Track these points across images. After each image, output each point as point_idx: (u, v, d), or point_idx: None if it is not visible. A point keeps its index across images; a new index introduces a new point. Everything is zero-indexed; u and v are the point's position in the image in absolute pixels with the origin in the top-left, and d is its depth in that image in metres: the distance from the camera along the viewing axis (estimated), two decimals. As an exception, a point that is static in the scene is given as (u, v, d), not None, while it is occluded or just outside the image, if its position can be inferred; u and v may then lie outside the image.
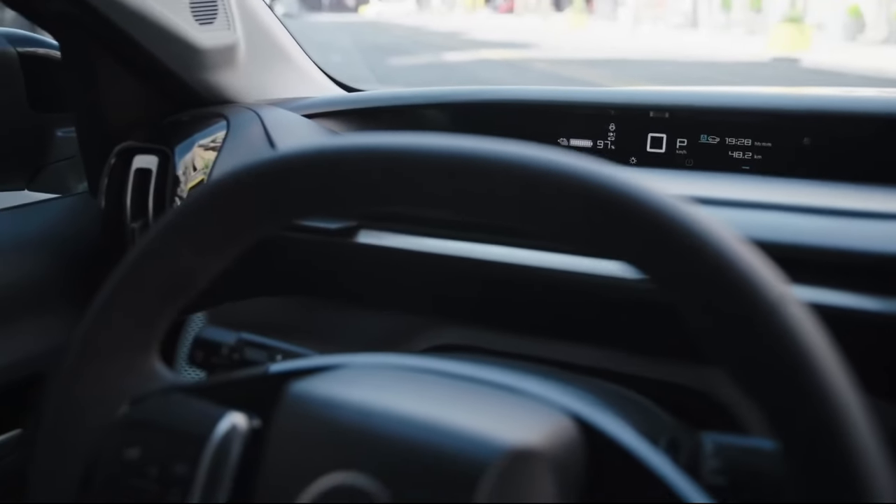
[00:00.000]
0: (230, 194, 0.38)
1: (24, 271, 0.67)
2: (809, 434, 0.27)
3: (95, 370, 0.41)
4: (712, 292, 0.29)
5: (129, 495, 0.38)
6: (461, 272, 0.57)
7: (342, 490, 0.32)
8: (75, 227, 0.72)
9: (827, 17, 14.56)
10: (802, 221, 0.51)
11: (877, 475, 0.26)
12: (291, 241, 0.63)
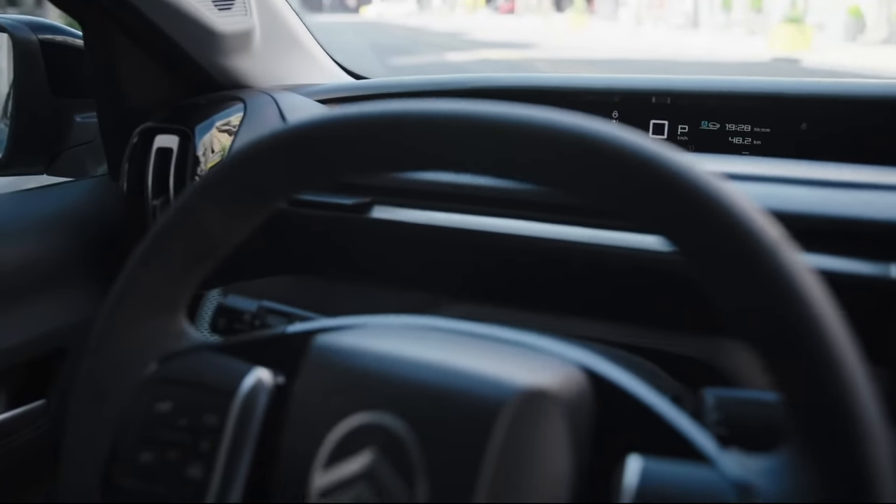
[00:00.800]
0: (258, 160, 0.40)
1: (47, 249, 0.70)
2: (810, 384, 0.29)
3: (127, 329, 0.43)
4: (720, 238, 0.30)
5: (162, 445, 0.40)
6: (473, 245, 0.59)
7: (367, 428, 0.34)
8: (96, 207, 0.75)
9: (827, 17, 14.57)
10: (800, 192, 0.53)
11: (872, 425, 0.28)
12: (306, 217, 0.65)
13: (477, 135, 0.35)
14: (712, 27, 17.68)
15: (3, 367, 0.64)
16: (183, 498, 0.39)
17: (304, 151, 0.39)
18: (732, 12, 17.36)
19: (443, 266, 0.61)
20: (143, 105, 0.73)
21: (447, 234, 0.59)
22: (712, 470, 0.31)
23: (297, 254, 0.68)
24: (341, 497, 0.34)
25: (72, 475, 0.42)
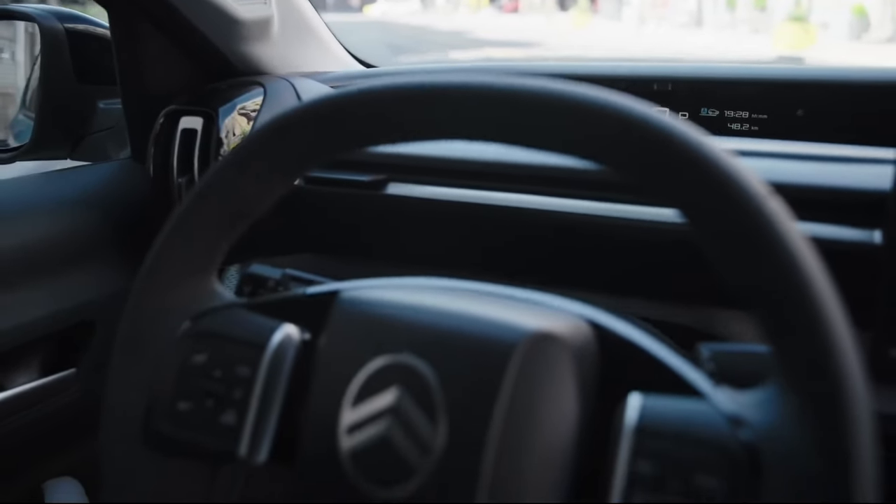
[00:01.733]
0: (291, 129, 0.43)
1: (75, 227, 0.73)
2: (799, 332, 0.32)
3: (164, 288, 0.46)
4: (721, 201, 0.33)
5: (198, 394, 0.43)
6: (485, 219, 0.62)
7: (392, 368, 0.37)
8: (120, 188, 0.78)
9: (832, 16, 14.56)
10: (791, 165, 0.56)
11: (851, 366, 0.31)
12: (323, 195, 0.69)
13: (509, 106, 0.38)
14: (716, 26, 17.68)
15: (35, 337, 0.68)
16: (218, 443, 0.42)
17: (336, 122, 0.42)
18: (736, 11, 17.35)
19: (456, 241, 0.64)
20: (166, 90, 0.77)
21: (460, 209, 0.62)
22: (706, 404, 0.34)
23: (314, 231, 0.72)
24: (368, 432, 0.37)
25: (113, 423, 0.45)
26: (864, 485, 0.30)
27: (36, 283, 0.68)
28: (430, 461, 0.35)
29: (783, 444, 0.32)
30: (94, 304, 0.72)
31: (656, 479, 0.33)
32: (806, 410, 0.31)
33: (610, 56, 11.25)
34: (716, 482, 0.32)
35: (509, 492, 0.35)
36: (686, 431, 0.33)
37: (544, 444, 0.36)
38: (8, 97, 1.48)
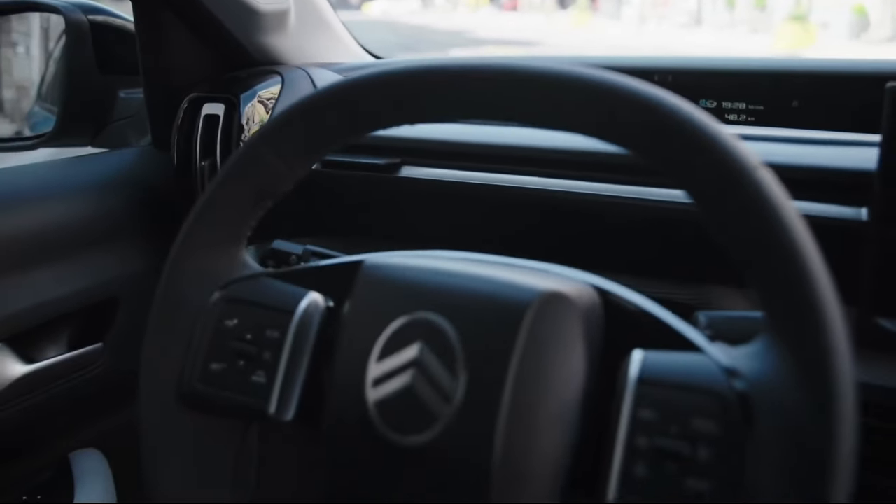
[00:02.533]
0: (318, 109, 0.46)
1: (99, 208, 0.76)
2: (788, 288, 0.35)
3: (197, 258, 0.49)
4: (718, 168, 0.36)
5: (230, 355, 0.47)
6: (494, 200, 0.65)
7: (415, 324, 0.40)
8: (141, 172, 0.81)
9: (832, 15, 14.58)
10: (784, 148, 0.60)
11: (835, 322, 0.34)
12: (339, 178, 0.72)
13: (529, 88, 0.41)
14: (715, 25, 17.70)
15: (63, 312, 0.71)
16: (248, 401, 0.45)
17: (359, 103, 0.45)
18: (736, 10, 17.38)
19: (467, 221, 0.67)
20: (187, 80, 0.80)
21: (471, 191, 0.66)
22: (703, 357, 0.38)
23: (329, 214, 0.75)
24: (393, 384, 0.40)
25: (149, 383, 0.48)
26: (846, 429, 0.33)
27: (63, 262, 0.72)
28: (450, 409, 0.38)
29: (773, 392, 0.35)
30: (118, 281, 0.75)
31: (657, 424, 0.36)
32: (793, 359, 0.35)
33: (611, 55, 11.26)
34: (712, 425, 0.35)
35: (524, 436, 0.38)
36: (685, 381, 0.36)
37: (556, 394, 0.39)
38: (23, 90, 1.52)
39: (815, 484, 0.33)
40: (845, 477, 0.33)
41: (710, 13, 18.51)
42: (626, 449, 0.36)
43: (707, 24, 18.30)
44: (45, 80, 1.24)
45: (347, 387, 0.41)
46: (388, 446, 0.39)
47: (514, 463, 0.38)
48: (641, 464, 0.36)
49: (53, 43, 1.22)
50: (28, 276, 0.68)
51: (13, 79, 1.49)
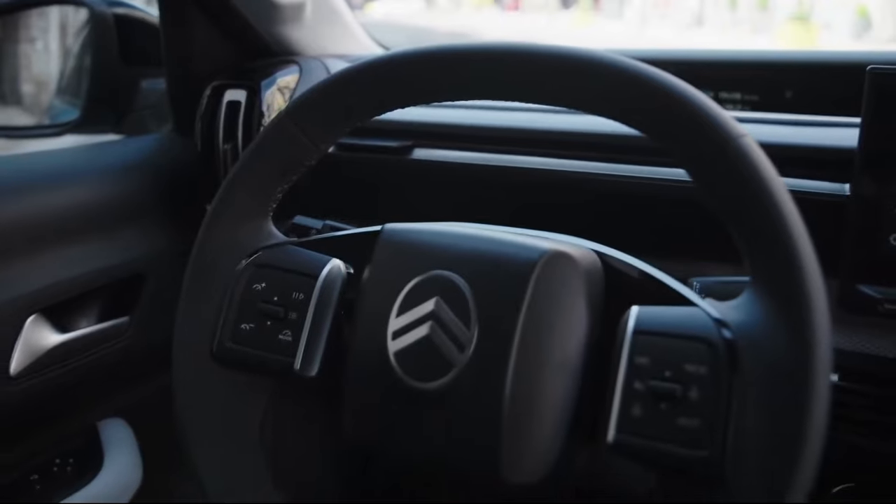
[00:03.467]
0: (341, 88, 0.50)
1: (124, 190, 0.81)
2: (769, 241, 0.39)
3: (227, 227, 0.53)
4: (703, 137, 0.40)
5: (259, 316, 0.50)
6: (500, 179, 0.69)
7: (431, 281, 0.44)
8: (165, 156, 0.86)
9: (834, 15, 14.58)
10: (772, 129, 0.63)
11: (813, 272, 0.38)
12: (353, 161, 0.76)
13: (533, 67, 0.44)
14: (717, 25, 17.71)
15: (93, 286, 0.75)
16: (276, 358, 0.49)
17: (388, 81, 0.49)
18: (738, 11, 17.38)
19: (476, 200, 0.71)
20: (209, 69, 0.84)
21: (480, 171, 0.70)
22: (695, 310, 0.41)
23: (343, 195, 0.79)
24: (411, 336, 0.44)
25: (183, 342, 0.52)
26: (822, 367, 0.37)
27: (92, 239, 0.76)
28: (464, 357, 0.42)
29: (756, 339, 0.39)
30: (144, 259, 0.79)
31: (652, 369, 0.40)
32: (773, 307, 0.39)
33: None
34: (702, 369, 0.39)
35: (532, 382, 0.42)
36: (678, 331, 0.40)
37: (561, 345, 0.43)
38: (42, 84, 1.56)
39: (794, 418, 0.37)
40: (821, 412, 0.37)
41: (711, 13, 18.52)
42: (623, 392, 0.40)
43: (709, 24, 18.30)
44: (64, 73, 1.28)
45: (369, 340, 0.45)
46: (406, 392, 0.43)
47: (523, 406, 0.42)
48: (638, 405, 0.40)
49: (72, 38, 1.26)
50: (61, 251, 0.72)
51: (32, 73, 1.53)
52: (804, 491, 0.37)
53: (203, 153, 0.80)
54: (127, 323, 0.78)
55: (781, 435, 0.37)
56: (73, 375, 0.74)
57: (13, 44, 1.32)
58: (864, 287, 0.54)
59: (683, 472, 0.38)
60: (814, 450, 0.36)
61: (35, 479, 0.73)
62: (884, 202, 0.53)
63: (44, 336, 0.70)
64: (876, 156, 0.53)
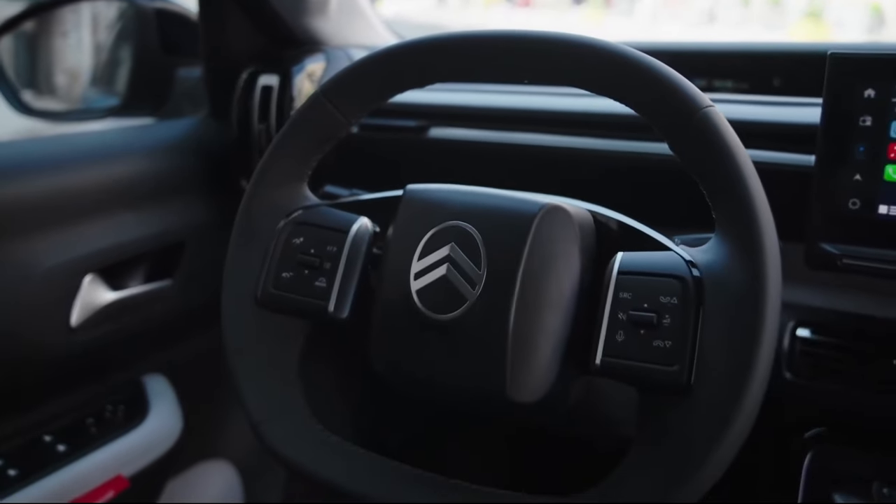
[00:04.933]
0: (371, 68, 0.58)
1: (166, 167, 0.89)
2: (730, 192, 0.46)
3: (270, 190, 0.61)
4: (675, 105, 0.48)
5: (297, 265, 0.58)
6: (509, 156, 0.77)
7: (447, 230, 0.52)
8: (202, 136, 0.94)
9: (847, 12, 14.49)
10: (750, 108, 0.71)
11: (767, 220, 0.45)
12: (373, 140, 0.84)
13: (536, 52, 0.52)
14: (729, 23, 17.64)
15: (139, 251, 0.84)
16: (312, 302, 0.57)
17: (408, 64, 0.56)
18: (750, 8, 17.32)
19: (487, 175, 0.79)
20: (242, 57, 0.92)
21: (490, 149, 0.78)
22: (670, 253, 0.49)
23: (368, 171, 0.87)
24: (430, 276, 0.52)
25: (232, 289, 0.60)
26: (771, 298, 0.44)
27: (139, 210, 0.84)
28: (476, 292, 0.50)
29: (719, 277, 0.46)
30: (185, 228, 0.88)
31: (633, 302, 0.47)
32: (733, 247, 0.46)
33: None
34: (674, 301, 0.46)
35: (532, 314, 0.50)
36: (655, 270, 0.48)
37: (557, 284, 0.51)
38: (74, 75, 1.65)
39: (749, 336, 0.44)
40: (771, 331, 0.44)
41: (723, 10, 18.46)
42: (609, 322, 0.48)
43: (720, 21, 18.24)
44: (98, 65, 1.37)
45: (395, 281, 0.53)
46: (426, 323, 0.51)
47: (524, 334, 0.50)
48: (621, 332, 0.47)
49: (103, 32, 1.35)
50: (113, 219, 0.81)
51: (65, 65, 1.62)
52: (758, 395, 0.44)
53: (240, 132, 0.88)
54: (170, 285, 0.87)
55: (738, 350, 0.44)
56: (123, 331, 0.82)
57: (47, 37, 1.41)
58: (826, 245, 0.61)
59: (658, 386, 0.46)
60: (765, 361, 0.43)
61: (91, 422, 0.82)
62: (843, 171, 0.60)
63: (99, 294, 0.79)
64: (835, 130, 0.60)
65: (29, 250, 0.72)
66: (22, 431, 0.78)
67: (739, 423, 0.43)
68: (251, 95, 0.87)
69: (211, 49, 0.93)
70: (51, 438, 0.78)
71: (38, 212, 0.73)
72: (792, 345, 0.71)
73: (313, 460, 0.54)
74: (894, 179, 0.59)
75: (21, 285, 0.71)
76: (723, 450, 0.43)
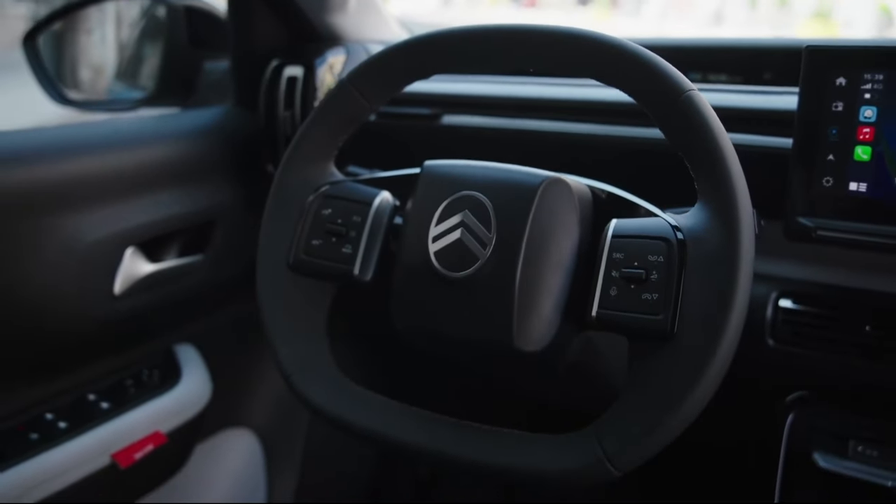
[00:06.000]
0: (390, 59, 0.65)
1: (197, 151, 0.96)
2: (709, 167, 0.53)
3: (300, 168, 0.68)
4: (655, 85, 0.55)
5: (325, 234, 0.65)
6: (516, 141, 0.84)
7: (461, 199, 0.59)
8: (230, 124, 1.01)
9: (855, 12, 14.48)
10: (734, 96, 0.77)
11: (739, 185, 0.52)
12: (390, 126, 0.91)
13: (541, 43, 0.58)
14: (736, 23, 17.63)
15: (173, 228, 0.91)
16: (339, 266, 0.64)
17: (424, 55, 0.63)
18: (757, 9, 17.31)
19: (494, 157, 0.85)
20: (267, 51, 0.99)
21: (499, 134, 0.84)
22: (657, 219, 0.56)
23: (386, 155, 0.93)
24: (447, 239, 0.58)
25: (267, 255, 0.67)
26: (745, 255, 0.51)
27: (173, 190, 0.91)
28: (486, 252, 0.57)
29: (699, 238, 0.53)
30: (215, 208, 0.95)
31: (624, 261, 0.54)
32: (712, 212, 0.53)
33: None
34: (660, 258, 0.53)
35: (536, 272, 0.56)
36: (644, 233, 0.55)
37: (558, 246, 0.57)
38: (98, 70, 1.72)
39: (725, 288, 0.50)
40: (745, 283, 0.50)
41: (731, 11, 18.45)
42: (604, 279, 0.54)
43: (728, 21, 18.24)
44: (122, 61, 1.44)
45: (415, 244, 0.59)
46: (443, 280, 0.58)
47: (529, 290, 0.56)
48: (614, 287, 0.54)
49: (126, 30, 1.42)
50: (151, 198, 0.88)
51: (90, 61, 1.70)
52: (734, 340, 0.50)
53: (267, 120, 0.95)
54: (201, 260, 0.94)
55: (716, 301, 0.50)
56: (158, 301, 0.89)
57: (73, 34, 1.48)
58: (802, 219, 0.67)
59: (646, 333, 0.52)
60: (739, 310, 0.50)
61: (130, 384, 0.89)
62: (817, 152, 0.67)
63: (138, 265, 0.86)
64: (810, 115, 0.67)
65: (77, 224, 0.79)
66: (70, 390, 0.85)
67: (717, 364, 0.50)
68: (277, 85, 0.94)
69: (239, 43, 1.00)
70: (95, 397, 0.86)
71: (84, 190, 0.81)
72: (774, 314, 0.77)
73: (337, 406, 0.61)
74: (863, 159, 0.65)
75: (70, 256, 0.78)
76: (702, 387, 0.50)
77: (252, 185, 0.97)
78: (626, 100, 0.59)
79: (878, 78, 0.64)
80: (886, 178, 0.64)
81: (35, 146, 0.78)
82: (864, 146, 0.65)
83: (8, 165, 0.74)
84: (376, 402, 0.60)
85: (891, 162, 0.64)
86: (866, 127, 0.65)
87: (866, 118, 0.64)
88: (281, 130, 0.93)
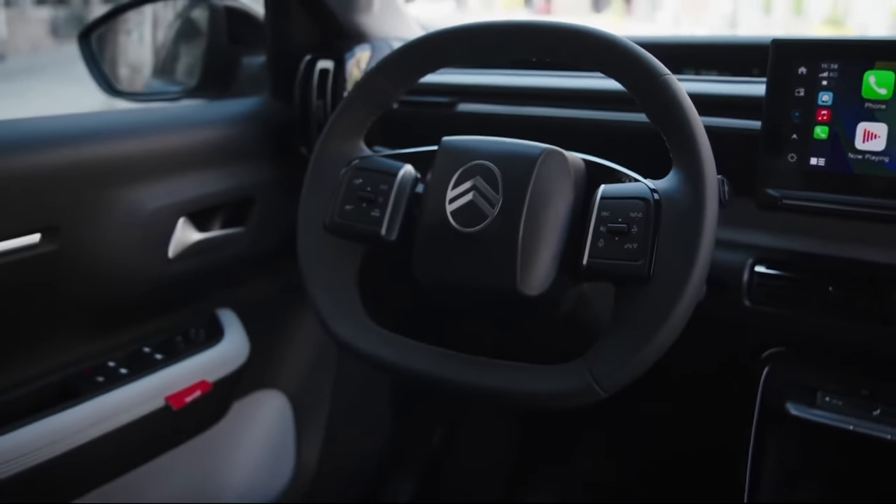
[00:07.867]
0: (412, 52, 0.75)
1: (238, 135, 1.07)
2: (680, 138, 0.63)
3: (335, 144, 0.78)
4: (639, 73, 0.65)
5: (357, 200, 0.76)
6: (524, 126, 0.95)
7: (473, 167, 0.69)
8: (265, 112, 1.12)
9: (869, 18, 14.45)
10: (712, 85, 0.88)
11: (705, 152, 0.62)
12: (410, 114, 1.02)
13: (548, 37, 0.69)
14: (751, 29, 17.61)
15: (219, 202, 1.02)
16: (369, 228, 0.75)
17: (442, 48, 0.74)
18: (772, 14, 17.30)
19: None
20: (300, 46, 1.11)
21: (508, 120, 0.95)
22: (639, 183, 0.66)
23: (404, 140, 1.04)
24: (461, 200, 0.69)
25: (306, 219, 0.78)
26: (709, 212, 0.61)
27: (219, 168, 1.03)
28: (494, 210, 0.67)
29: (672, 198, 0.63)
30: (254, 186, 1.06)
31: (610, 217, 0.64)
32: (683, 176, 0.63)
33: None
34: (640, 214, 0.63)
35: (536, 228, 0.67)
36: (627, 195, 0.65)
37: (555, 208, 0.67)
38: (135, 68, 1.85)
39: (692, 236, 0.61)
40: (709, 234, 0.61)
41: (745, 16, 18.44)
42: (593, 233, 0.65)
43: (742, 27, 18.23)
44: (159, 59, 1.56)
45: (435, 205, 0.70)
46: (457, 234, 0.68)
47: (530, 243, 0.66)
48: (601, 240, 0.64)
49: (162, 31, 1.55)
50: (198, 175, 0.99)
51: (128, 59, 1.82)
52: (700, 281, 0.60)
53: (302, 109, 1.06)
54: (242, 232, 1.05)
55: (685, 249, 0.61)
56: (205, 267, 1.01)
57: (113, 35, 1.61)
58: (770, 190, 0.77)
59: (628, 277, 0.63)
60: (704, 256, 0.60)
61: (179, 340, 1.01)
62: (782, 132, 0.77)
63: (189, 234, 0.97)
64: (776, 100, 0.77)
65: (138, 195, 0.91)
66: (128, 344, 0.97)
67: (685, 300, 0.60)
68: (310, 77, 1.05)
69: (275, 40, 1.11)
70: (149, 349, 0.97)
71: (143, 166, 0.92)
72: (751, 278, 0.87)
73: (368, 344, 0.72)
74: (821, 137, 0.75)
75: (133, 222, 0.90)
76: (674, 318, 0.60)
77: (287, 167, 1.08)
78: (618, 89, 0.69)
79: (834, 67, 0.74)
80: (842, 154, 0.74)
81: (104, 127, 0.90)
82: (823, 126, 0.75)
83: (83, 143, 0.85)
84: (397, 340, 0.71)
85: (845, 140, 0.74)
86: (824, 110, 0.75)
87: (824, 102, 0.75)
88: (314, 117, 1.04)
